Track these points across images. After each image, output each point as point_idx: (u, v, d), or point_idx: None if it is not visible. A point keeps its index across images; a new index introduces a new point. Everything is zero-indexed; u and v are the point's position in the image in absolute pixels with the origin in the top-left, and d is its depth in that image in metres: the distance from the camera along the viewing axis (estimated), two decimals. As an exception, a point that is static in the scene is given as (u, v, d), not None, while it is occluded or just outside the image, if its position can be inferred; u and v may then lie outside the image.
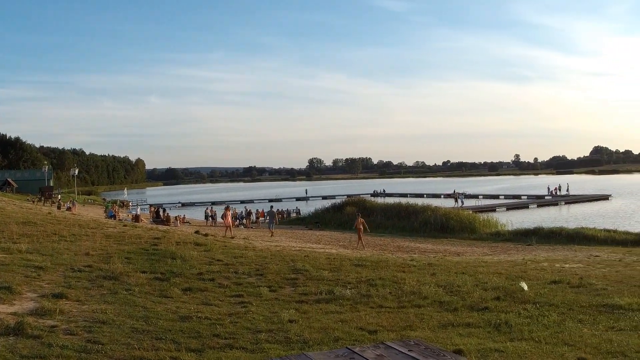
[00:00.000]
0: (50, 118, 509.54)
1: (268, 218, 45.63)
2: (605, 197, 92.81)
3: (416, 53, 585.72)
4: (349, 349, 4.28)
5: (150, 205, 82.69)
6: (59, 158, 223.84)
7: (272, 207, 49.84)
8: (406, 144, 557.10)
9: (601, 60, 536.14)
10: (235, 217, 57.50)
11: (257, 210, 67.39)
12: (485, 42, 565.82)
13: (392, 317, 12.66)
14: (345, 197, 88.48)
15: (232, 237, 33.08)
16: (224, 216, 39.61)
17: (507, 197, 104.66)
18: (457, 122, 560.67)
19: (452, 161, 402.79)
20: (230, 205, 53.76)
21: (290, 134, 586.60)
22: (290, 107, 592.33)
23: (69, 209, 59.93)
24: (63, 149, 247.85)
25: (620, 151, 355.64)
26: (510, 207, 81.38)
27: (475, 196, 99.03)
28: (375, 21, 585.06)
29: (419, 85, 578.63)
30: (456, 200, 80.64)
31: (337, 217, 53.97)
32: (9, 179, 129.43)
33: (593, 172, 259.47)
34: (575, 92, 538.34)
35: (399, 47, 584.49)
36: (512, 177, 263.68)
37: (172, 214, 65.43)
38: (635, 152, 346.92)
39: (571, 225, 45.46)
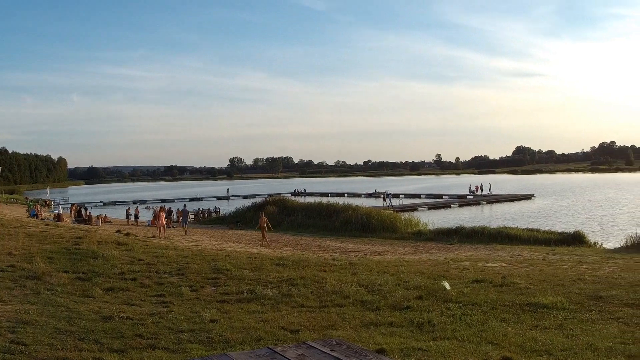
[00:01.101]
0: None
1: (182, 216, 45.66)
2: (527, 197, 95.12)
3: (338, 52, 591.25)
4: (271, 348, 4.29)
5: (72, 205, 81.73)
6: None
7: (185, 206, 50.48)
8: (327, 143, 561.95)
9: (525, 61, 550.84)
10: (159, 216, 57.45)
11: (177, 209, 67.07)
12: (409, 41, 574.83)
13: (314, 316, 12.83)
14: (266, 196, 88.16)
15: (167, 237, 33.39)
16: (157, 216, 39.66)
17: (428, 196, 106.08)
18: (379, 122, 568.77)
19: (373, 161, 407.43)
20: (164, 206, 53.39)
21: (211, 133, 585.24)
22: (212, 106, 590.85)
23: (-9, 208, 58.72)
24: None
25: (543, 151, 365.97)
26: (431, 207, 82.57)
27: (397, 196, 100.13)
28: (298, 20, 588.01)
29: (341, 84, 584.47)
30: (384, 200, 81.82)
31: (258, 216, 53.66)
32: None
33: (515, 172, 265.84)
34: (498, 92, 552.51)
35: (321, 46, 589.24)
36: (433, 176, 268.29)
37: (94, 213, 65.36)
38: (558, 153, 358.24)
39: (493, 224, 46.36)
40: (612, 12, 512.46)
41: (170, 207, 49.01)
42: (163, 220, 37.52)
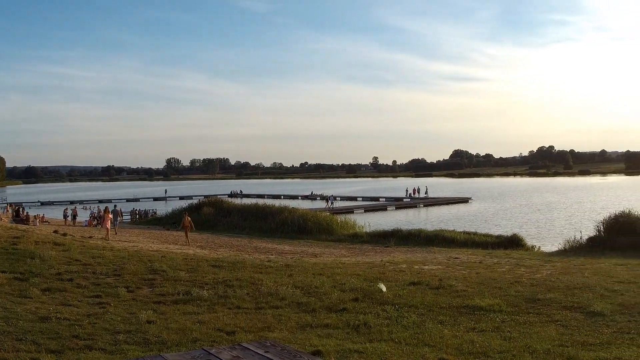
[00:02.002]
0: None
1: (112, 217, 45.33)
2: (465, 200, 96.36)
3: (277, 54, 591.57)
4: (205, 350, 4.40)
5: (9, 204, 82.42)
6: None
7: (115, 206, 50.84)
8: (264, 145, 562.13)
9: (464, 65, 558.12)
10: (95, 217, 58.85)
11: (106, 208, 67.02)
12: (347, 44, 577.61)
13: (250, 318, 13.00)
14: (203, 197, 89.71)
15: (106, 239, 33.40)
16: (103, 219, 39.78)
17: (365, 199, 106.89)
18: (316, 124, 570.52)
19: (310, 163, 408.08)
20: (109, 207, 53.14)
21: (149, 134, 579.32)
22: (150, 106, 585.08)
23: None
24: None
25: (481, 155, 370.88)
26: (368, 209, 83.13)
27: (325, 197, 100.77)
28: (237, 21, 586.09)
29: (279, 86, 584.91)
30: (327, 202, 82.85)
31: (195, 217, 53.91)
32: None
33: (453, 175, 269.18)
34: (436, 96, 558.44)
35: (260, 48, 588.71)
36: (370, 179, 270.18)
37: (32, 213, 65.61)
38: (496, 156, 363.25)
39: (430, 227, 46.96)
40: (552, 18, 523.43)
41: (115, 206, 48.81)
42: (108, 222, 37.13)
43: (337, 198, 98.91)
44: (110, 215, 38.94)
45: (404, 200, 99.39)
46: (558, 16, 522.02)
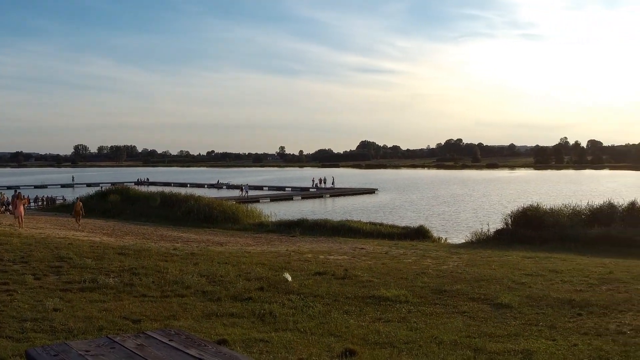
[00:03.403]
0: None
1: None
2: (371, 191, 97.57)
3: (185, 42, 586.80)
4: (110, 338, 4.44)
5: None
6: None
7: (15, 191, 49.23)
8: (171, 133, 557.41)
9: (374, 57, 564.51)
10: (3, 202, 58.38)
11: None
12: (256, 34, 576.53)
13: (156, 306, 13.12)
14: (110, 184, 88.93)
15: (21, 227, 32.73)
16: (14, 205, 38.21)
17: (271, 188, 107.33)
18: (224, 113, 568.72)
19: (216, 151, 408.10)
20: (21, 193, 51.75)
21: (57, 120, 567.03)
22: (58, 93, 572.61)
23: None
24: None
25: (388, 146, 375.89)
26: (274, 199, 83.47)
27: (239, 187, 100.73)
28: (147, 8, 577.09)
29: (186, 75, 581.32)
30: (242, 191, 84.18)
31: (102, 204, 53.62)
32: None
33: (359, 166, 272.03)
34: (345, 87, 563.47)
35: (168, 35, 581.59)
36: (276, 169, 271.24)
37: None
38: (404, 148, 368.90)
39: (336, 217, 47.22)
40: (463, 13, 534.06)
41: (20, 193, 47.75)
42: (21, 208, 36.04)
43: (242, 186, 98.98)
44: (21, 202, 37.99)
45: (310, 190, 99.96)
46: (469, 11, 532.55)
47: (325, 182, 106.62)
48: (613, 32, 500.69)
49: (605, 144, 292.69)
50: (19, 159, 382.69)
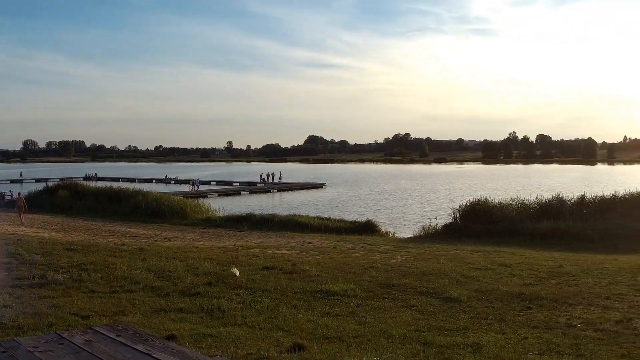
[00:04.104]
0: None
1: None
2: (319, 186, 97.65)
3: (135, 37, 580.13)
4: (58, 334, 4.53)
5: None
6: None
7: None
8: (120, 128, 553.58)
9: (322, 52, 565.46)
10: None
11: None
12: (206, 29, 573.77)
13: (105, 302, 13.09)
14: (59, 180, 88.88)
15: None
16: None
17: (219, 183, 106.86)
18: (172, 108, 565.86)
19: (164, 146, 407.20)
20: None
21: (5, 115, 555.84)
22: (6, 87, 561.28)
23: None
24: None
25: (336, 141, 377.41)
26: (222, 193, 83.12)
27: (187, 182, 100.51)
28: (98, 3, 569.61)
29: (136, 70, 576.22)
30: (193, 185, 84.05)
31: (50, 200, 53.43)
32: None
33: (307, 161, 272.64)
34: (293, 82, 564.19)
35: (118, 30, 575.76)
36: (224, 163, 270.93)
37: None
38: (351, 143, 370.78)
39: (284, 212, 47.29)
40: (413, 8, 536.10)
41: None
42: None
43: (190, 181, 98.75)
44: None
45: (258, 185, 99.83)
46: (419, 6, 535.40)
47: (273, 177, 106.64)
48: (561, 28, 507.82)
49: (554, 138, 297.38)
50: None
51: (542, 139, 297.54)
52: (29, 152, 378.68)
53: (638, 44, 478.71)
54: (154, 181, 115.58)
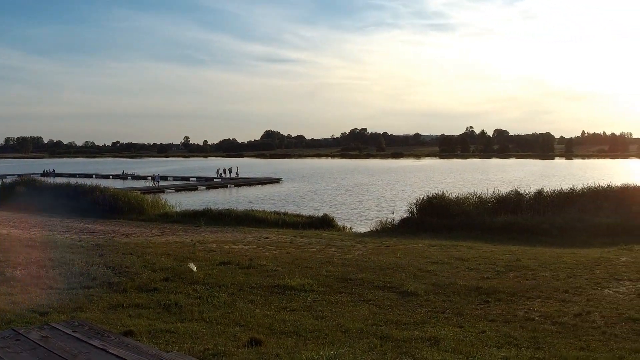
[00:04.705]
0: None
1: None
2: (275, 181, 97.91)
3: (91, 31, 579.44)
4: (15, 330, 4.61)
5: None
6: None
7: None
8: (77, 124, 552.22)
9: (278, 47, 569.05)
10: None
11: None
12: (162, 23, 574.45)
13: (63, 298, 13.08)
14: (16, 176, 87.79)
15: None
16: None
17: (175, 178, 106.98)
18: (128, 103, 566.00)
19: (121, 142, 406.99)
20: None
21: None
22: None
23: None
24: None
25: (293, 136, 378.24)
26: (179, 189, 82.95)
27: (144, 177, 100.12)
28: None
29: (92, 65, 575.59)
30: (153, 180, 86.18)
31: (8, 196, 52.67)
32: None
33: (264, 156, 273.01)
34: (249, 77, 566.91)
35: (74, 25, 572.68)
36: (181, 159, 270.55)
37: None
38: (308, 138, 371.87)
39: (240, 207, 47.28)
40: (370, 3, 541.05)
41: None
42: None
43: (147, 177, 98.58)
44: None
45: (215, 180, 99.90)
46: (376, 0, 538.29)
47: (230, 172, 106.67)
48: (518, 23, 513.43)
49: (511, 133, 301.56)
50: None
51: (500, 133, 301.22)
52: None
53: (594, 40, 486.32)
54: (111, 177, 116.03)
